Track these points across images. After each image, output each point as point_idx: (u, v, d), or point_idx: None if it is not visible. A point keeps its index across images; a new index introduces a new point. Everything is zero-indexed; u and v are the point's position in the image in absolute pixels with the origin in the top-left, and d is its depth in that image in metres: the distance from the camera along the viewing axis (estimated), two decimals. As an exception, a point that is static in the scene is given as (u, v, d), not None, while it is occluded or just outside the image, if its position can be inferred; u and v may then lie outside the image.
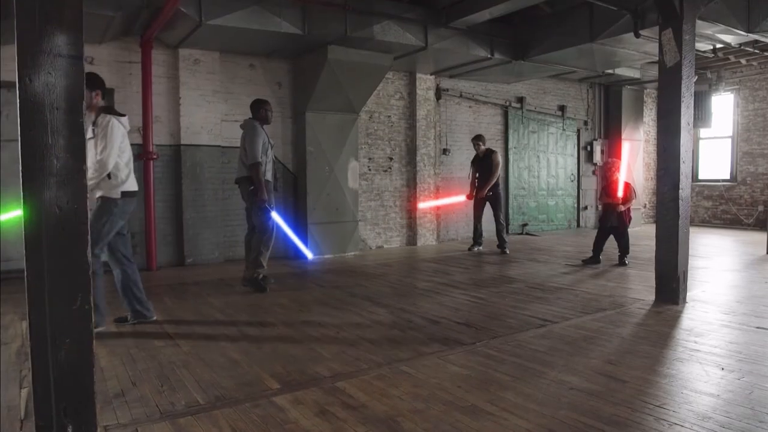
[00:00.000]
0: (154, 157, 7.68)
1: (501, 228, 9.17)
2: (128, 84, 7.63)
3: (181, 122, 7.92)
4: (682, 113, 5.02)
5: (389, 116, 9.94)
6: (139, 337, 4.29)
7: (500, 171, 9.38)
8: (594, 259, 7.86)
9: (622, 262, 7.74)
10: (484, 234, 9.52)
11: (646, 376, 3.30)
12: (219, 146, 8.22)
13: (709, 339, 4.05)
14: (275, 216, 6.16)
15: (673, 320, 4.63)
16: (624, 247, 7.83)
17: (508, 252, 8.96)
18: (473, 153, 10.83)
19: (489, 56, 8.99)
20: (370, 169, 9.75)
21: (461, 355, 3.71)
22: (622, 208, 7.90)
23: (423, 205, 10.16)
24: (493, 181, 9.11)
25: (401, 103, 10.08)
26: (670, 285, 5.16)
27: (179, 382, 3.28)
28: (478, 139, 9.33)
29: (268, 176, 6.08)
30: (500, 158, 9.59)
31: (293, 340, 4.12)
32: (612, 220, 7.90)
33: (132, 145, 7.74)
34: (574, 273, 7.08)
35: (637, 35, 7.48)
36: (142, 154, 7.60)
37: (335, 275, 7.09)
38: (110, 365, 3.59)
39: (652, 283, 6.14)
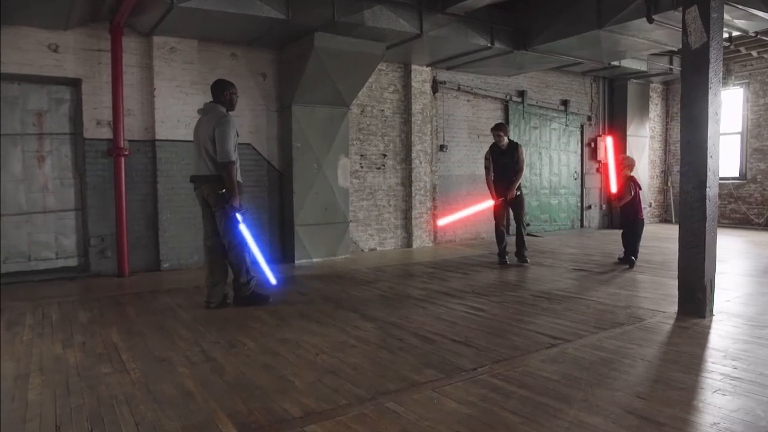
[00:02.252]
0: (126, 153, 7.06)
1: (524, 232, 7.80)
2: (97, 74, 7.01)
3: (156, 115, 7.30)
4: (709, 101, 4.43)
5: (382, 110, 9.34)
6: (86, 359, 3.68)
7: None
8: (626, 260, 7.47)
9: (624, 261, 7.45)
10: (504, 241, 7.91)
11: (686, 416, 2.70)
12: (198, 142, 7.59)
13: (749, 363, 3.46)
14: (243, 227, 5.26)
15: (702, 338, 4.04)
16: (629, 246, 7.47)
17: (529, 262, 7.57)
18: (472, 150, 10.28)
19: (489, 45, 8.39)
20: (362, 167, 9.15)
21: (460, 386, 3.11)
22: (615, 204, 7.98)
23: (443, 221, 9.73)
24: (521, 179, 7.71)
25: (395, 96, 9.47)
26: (695, 296, 4.57)
27: (114, 424, 2.68)
28: (499, 128, 7.76)
29: (239, 176, 5.22)
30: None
31: (263, 365, 3.52)
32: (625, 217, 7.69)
33: (101, 140, 7.26)
34: (582, 279, 6.49)
35: (650, 20, 6.90)
36: (111, 149, 6.99)
37: (322, 282, 6.49)
38: (38, 400, 2.99)
39: (670, 291, 5.58)
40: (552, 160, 11.72)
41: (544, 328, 4.31)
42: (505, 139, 7.76)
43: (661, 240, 10.15)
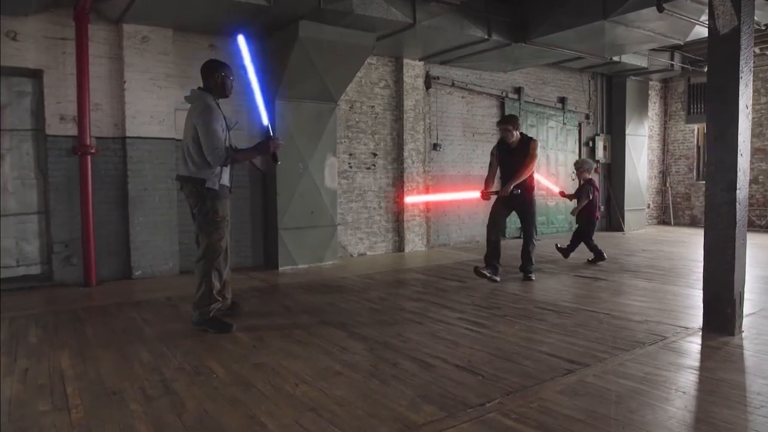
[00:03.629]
0: (92, 151, 6.47)
1: (532, 247, 6.61)
2: (61, 64, 6.41)
3: (127, 111, 6.72)
4: (740, 92, 3.94)
5: (373, 106, 8.80)
6: (23, 392, 3.12)
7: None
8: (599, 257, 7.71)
9: (596, 260, 7.68)
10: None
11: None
12: (173, 139, 7.02)
13: (800, 393, 2.96)
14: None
15: (738, 361, 3.55)
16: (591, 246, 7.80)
17: (533, 279, 6.50)
18: (467, 149, 9.79)
19: (485, 37, 7.89)
20: (351, 167, 8.61)
21: (466, 429, 2.59)
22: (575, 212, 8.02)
23: (411, 199, 8.98)
24: (525, 176, 6.33)
25: (386, 92, 8.95)
26: (723, 310, 4.08)
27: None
28: (507, 121, 6.46)
29: (225, 179, 4.42)
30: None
31: (232, 400, 2.98)
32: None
33: (65, 137, 6.66)
34: (588, 287, 5.99)
35: (660, 9, 6.41)
36: (76, 147, 6.40)
37: (307, 292, 5.94)
38: (-50, 452, 2.43)
39: (686, 301, 5.12)
40: (549, 160, 11.24)
41: (557, 348, 3.80)
42: (515, 134, 6.40)
43: (662, 243, 9.71)
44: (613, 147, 12.27)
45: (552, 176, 11.17)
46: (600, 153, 12.03)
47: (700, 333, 4.13)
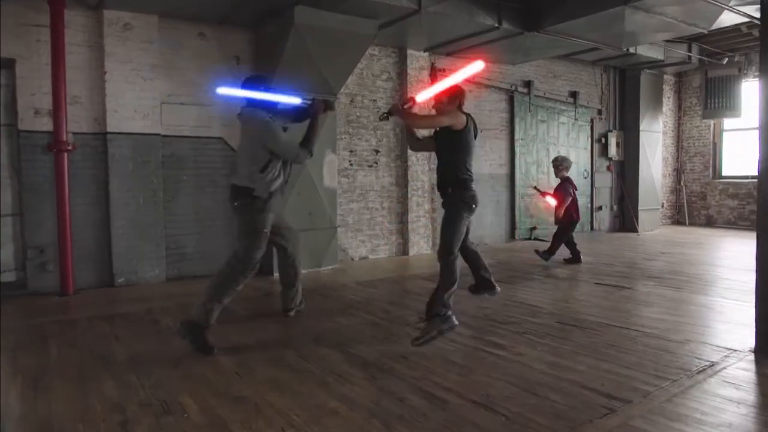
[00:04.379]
0: (69, 148, 5.93)
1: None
2: (36, 53, 5.88)
3: (108, 104, 6.18)
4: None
5: (375, 100, 8.26)
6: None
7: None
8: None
9: (573, 260, 7.51)
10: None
11: None
12: (159, 135, 6.49)
13: None
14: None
15: (806, 394, 3.01)
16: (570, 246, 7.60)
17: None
18: (475, 145, 9.24)
19: (495, 25, 7.33)
20: (351, 164, 8.07)
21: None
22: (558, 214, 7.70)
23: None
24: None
25: (389, 84, 8.40)
26: (780, 331, 3.54)
27: None
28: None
29: (275, 185, 4.30)
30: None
31: (204, 449, 2.44)
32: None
33: (40, 132, 6.13)
34: (612, 297, 5.45)
35: (690, -9, 5.87)
36: (51, 144, 5.86)
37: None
38: None
39: (722, 315, 4.61)
40: (560, 158, 10.67)
41: (590, 377, 3.26)
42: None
43: (681, 246, 9.16)
44: (626, 144, 11.71)
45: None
46: (613, 150, 11.47)
47: (753, 357, 3.58)
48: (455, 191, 4.05)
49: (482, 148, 9.40)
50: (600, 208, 11.48)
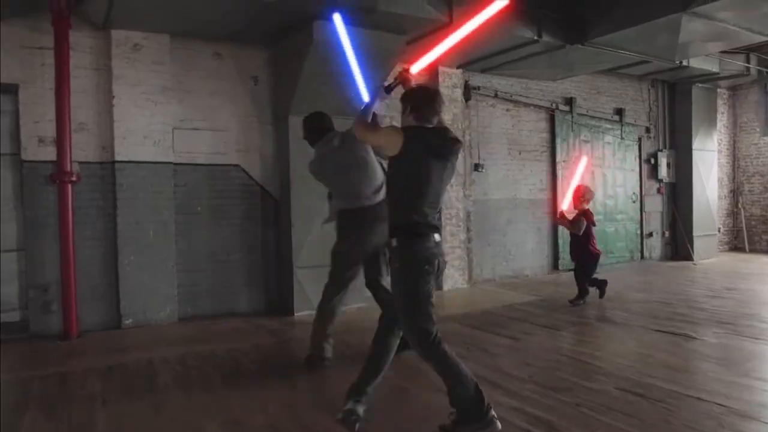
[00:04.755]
0: (73, 178, 5.51)
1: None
2: (39, 78, 5.50)
3: (116, 130, 5.76)
4: None
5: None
6: None
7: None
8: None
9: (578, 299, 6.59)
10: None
11: None
12: (170, 163, 6.04)
13: None
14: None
15: None
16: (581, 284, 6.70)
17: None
18: (513, 169, 8.61)
19: (535, 38, 6.70)
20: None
21: None
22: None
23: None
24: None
25: (419, 105, 7.80)
26: None
27: None
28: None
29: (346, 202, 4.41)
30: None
31: None
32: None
33: (44, 162, 5.71)
34: (677, 350, 4.66)
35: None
36: (54, 174, 5.44)
37: (321, 350, 4.79)
38: None
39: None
40: (606, 180, 9.88)
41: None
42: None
43: (747, 279, 8.23)
44: (678, 164, 10.81)
45: (611, 199, 9.86)
46: (663, 171, 10.60)
47: None
48: (402, 243, 2.94)
49: (521, 172, 8.72)
50: (650, 234, 10.58)
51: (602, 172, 9.78)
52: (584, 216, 6.67)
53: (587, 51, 7.26)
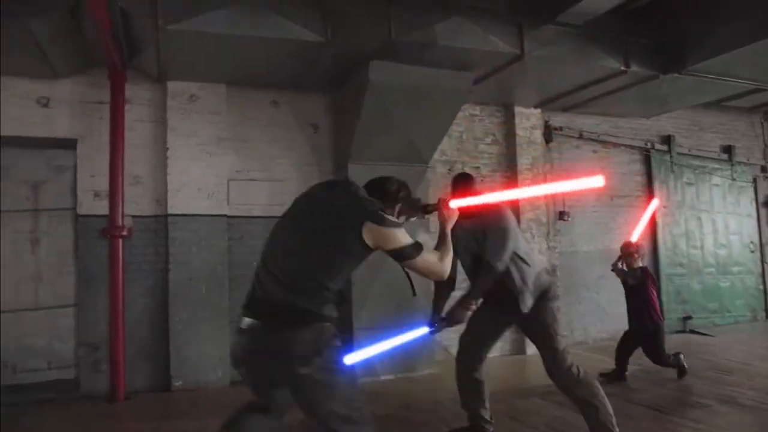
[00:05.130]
0: (124, 233, 5.34)
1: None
2: (97, 132, 5.48)
3: (169, 183, 5.58)
4: None
5: (478, 167, 7.05)
6: None
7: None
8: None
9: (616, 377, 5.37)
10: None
11: None
12: (224, 216, 5.76)
13: None
14: None
15: None
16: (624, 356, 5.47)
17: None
18: (604, 217, 7.73)
19: (621, 69, 5.94)
20: (450, 243, 6.82)
21: None
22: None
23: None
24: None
25: (494, 149, 7.18)
26: None
27: None
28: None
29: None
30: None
31: None
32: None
33: (98, 216, 5.58)
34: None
35: None
36: (106, 229, 5.30)
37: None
38: None
39: None
40: (717, 227, 8.63)
41: None
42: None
43: None
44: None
45: (723, 248, 8.58)
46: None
47: None
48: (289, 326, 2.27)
49: (614, 220, 7.76)
50: (776, 289, 9.07)
51: (711, 218, 8.56)
52: (644, 274, 5.48)
53: (685, 81, 6.37)
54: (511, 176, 7.11)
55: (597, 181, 2.57)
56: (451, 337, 6.52)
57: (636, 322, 5.46)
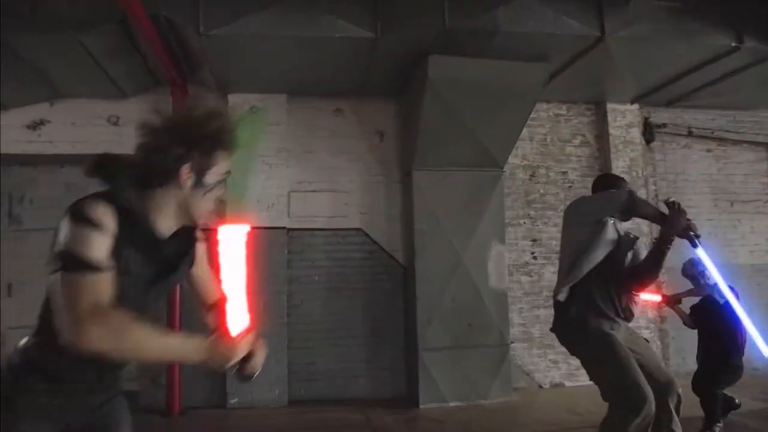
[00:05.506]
0: (183, 246, 5.28)
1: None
2: (162, 148, 5.51)
3: (229, 196, 5.46)
4: None
5: (565, 172, 6.32)
6: None
7: None
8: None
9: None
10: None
11: None
12: (284, 228, 5.56)
13: None
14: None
15: None
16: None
17: None
18: (722, 226, 6.62)
19: (733, 45, 5.00)
20: (535, 258, 6.12)
21: None
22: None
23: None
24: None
25: (584, 150, 6.41)
26: None
27: None
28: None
29: None
30: None
31: None
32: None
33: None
34: None
35: None
36: (166, 243, 5.28)
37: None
38: None
39: None
40: None
41: None
42: None
43: None
44: None
45: None
46: None
47: None
48: None
49: (736, 229, 6.60)
50: None
51: None
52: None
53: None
54: (605, 181, 6.27)
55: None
56: (535, 361, 5.83)
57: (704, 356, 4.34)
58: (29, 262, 5.34)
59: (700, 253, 2.94)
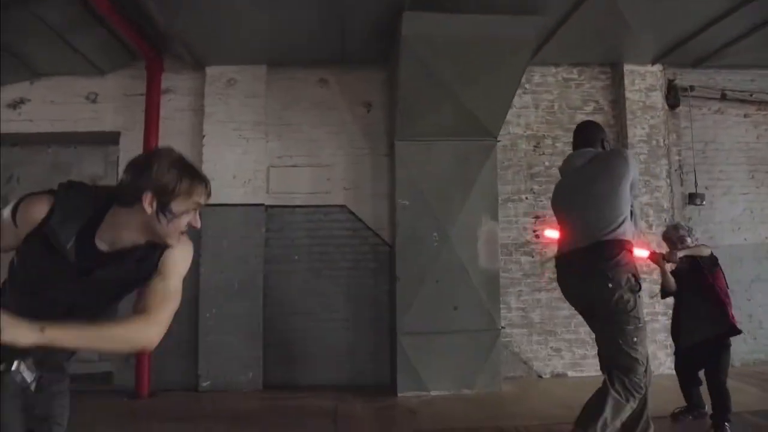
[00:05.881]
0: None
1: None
2: (139, 124, 5.34)
3: (204, 171, 5.16)
4: None
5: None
6: None
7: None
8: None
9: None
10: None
11: None
12: (261, 205, 5.31)
13: None
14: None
15: None
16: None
17: None
18: (759, 200, 5.85)
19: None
20: (537, 236, 5.58)
21: None
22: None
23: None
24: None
25: (597, 118, 5.66)
26: None
27: None
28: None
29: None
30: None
31: None
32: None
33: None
34: None
35: None
36: (138, 220, 5.14)
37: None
38: None
39: None
40: None
41: None
42: None
43: None
44: None
45: None
46: None
47: None
48: None
49: (776, 204, 5.79)
50: None
51: None
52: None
53: None
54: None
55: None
56: (534, 349, 5.36)
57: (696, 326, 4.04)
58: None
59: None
